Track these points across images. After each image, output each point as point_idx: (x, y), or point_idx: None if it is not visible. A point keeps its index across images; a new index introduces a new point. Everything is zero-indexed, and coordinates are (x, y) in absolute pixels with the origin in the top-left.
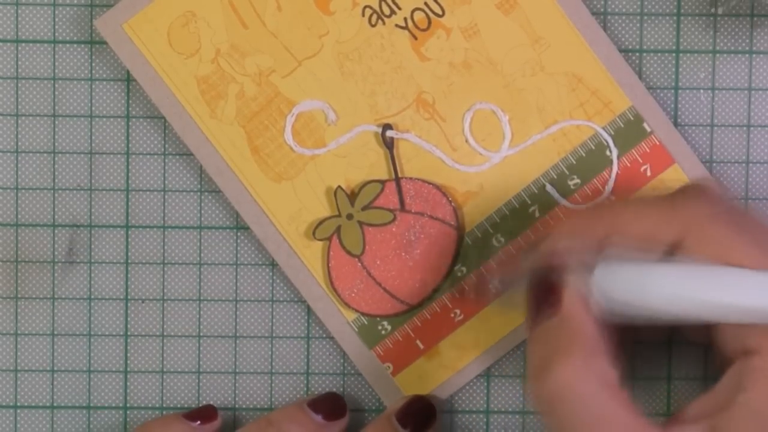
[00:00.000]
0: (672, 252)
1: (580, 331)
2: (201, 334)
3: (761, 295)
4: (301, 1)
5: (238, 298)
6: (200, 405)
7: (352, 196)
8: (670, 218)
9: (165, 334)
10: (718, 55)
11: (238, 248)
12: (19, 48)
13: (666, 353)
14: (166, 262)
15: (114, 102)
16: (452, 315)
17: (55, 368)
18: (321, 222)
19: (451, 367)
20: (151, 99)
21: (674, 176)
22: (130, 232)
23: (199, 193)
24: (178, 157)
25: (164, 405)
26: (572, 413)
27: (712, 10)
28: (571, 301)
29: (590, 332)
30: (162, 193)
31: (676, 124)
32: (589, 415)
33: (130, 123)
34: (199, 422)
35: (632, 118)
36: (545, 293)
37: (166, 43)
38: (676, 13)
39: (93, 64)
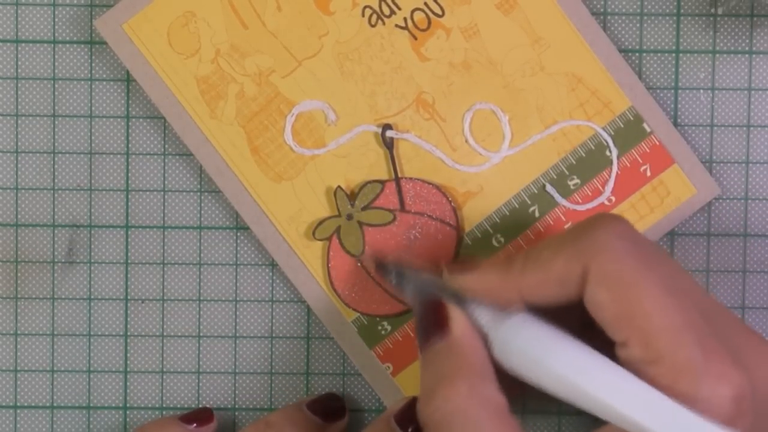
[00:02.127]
0: (582, 284)
1: (468, 357)
2: (201, 334)
3: (644, 411)
4: (301, 2)
5: (238, 298)
6: (200, 406)
7: (352, 197)
8: (574, 259)
9: (165, 334)
10: (718, 55)
11: (238, 248)
12: (19, 48)
13: None
14: (166, 262)
15: (114, 102)
16: None
17: (55, 368)
18: (321, 222)
19: None
20: (150, 99)
21: (674, 176)
22: (130, 232)
23: (199, 193)
24: (178, 157)
25: (164, 405)
26: None
27: (712, 10)
28: (459, 326)
29: (478, 358)
30: (162, 193)
31: (676, 124)
32: None
33: (130, 123)
34: (195, 425)
35: (632, 119)
36: (433, 315)
37: (166, 43)
38: (676, 13)
39: (93, 64)
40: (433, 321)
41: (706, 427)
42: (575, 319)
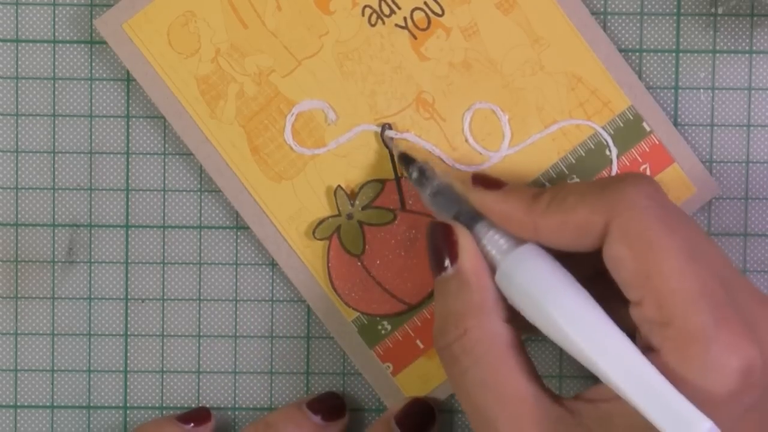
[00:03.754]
0: (601, 237)
1: (475, 293)
2: (201, 334)
3: (628, 379)
4: (301, 1)
5: (238, 298)
6: (200, 405)
7: (352, 196)
8: (598, 210)
9: (165, 334)
10: (718, 55)
11: (238, 248)
12: (19, 48)
13: None
14: (166, 261)
15: (114, 102)
16: None
17: (55, 368)
18: (321, 222)
19: None
20: (150, 99)
21: (674, 176)
22: (130, 232)
23: (199, 193)
24: (178, 157)
25: (164, 405)
26: (463, 374)
27: (712, 10)
28: (467, 257)
29: (485, 292)
30: (162, 193)
31: (675, 123)
32: (478, 377)
33: (130, 123)
34: (192, 424)
35: (632, 118)
36: (443, 239)
37: (166, 43)
38: (676, 13)
39: (93, 64)
40: (442, 245)
41: (688, 409)
42: (588, 268)
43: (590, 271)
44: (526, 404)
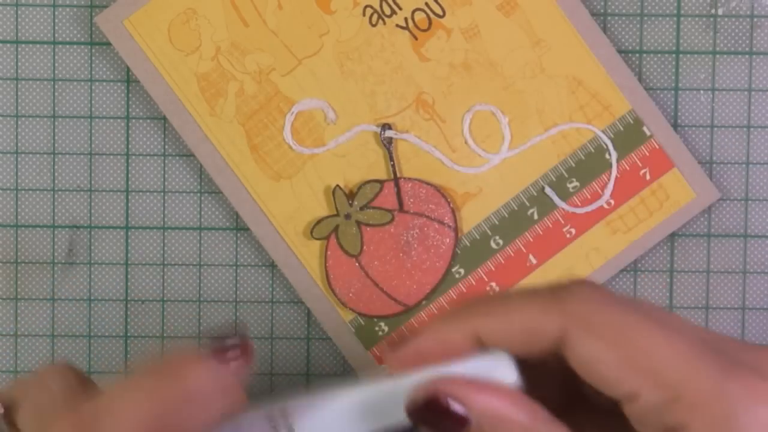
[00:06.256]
0: (559, 348)
1: None
2: (201, 335)
3: None
4: (302, 0)
5: (238, 299)
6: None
7: (351, 196)
8: (549, 309)
9: (165, 335)
10: (718, 55)
11: (238, 249)
12: (19, 48)
13: None
14: (166, 263)
15: (114, 103)
16: None
17: None
18: (319, 221)
19: None
20: (150, 96)
21: (673, 180)
22: (129, 233)
23: (199, 194)
24: (178, 158)
25: None
26: None
27: (712, 10)
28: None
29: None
30: (162, 194)
31: (676, 125)
32: None
33: (130, 124)
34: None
35: (632, 122)
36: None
37: (167, 40)
38: (676, 14)
39: (93, 65)
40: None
41: None
42: (554, 389)
43: (556, 396)
44: None
